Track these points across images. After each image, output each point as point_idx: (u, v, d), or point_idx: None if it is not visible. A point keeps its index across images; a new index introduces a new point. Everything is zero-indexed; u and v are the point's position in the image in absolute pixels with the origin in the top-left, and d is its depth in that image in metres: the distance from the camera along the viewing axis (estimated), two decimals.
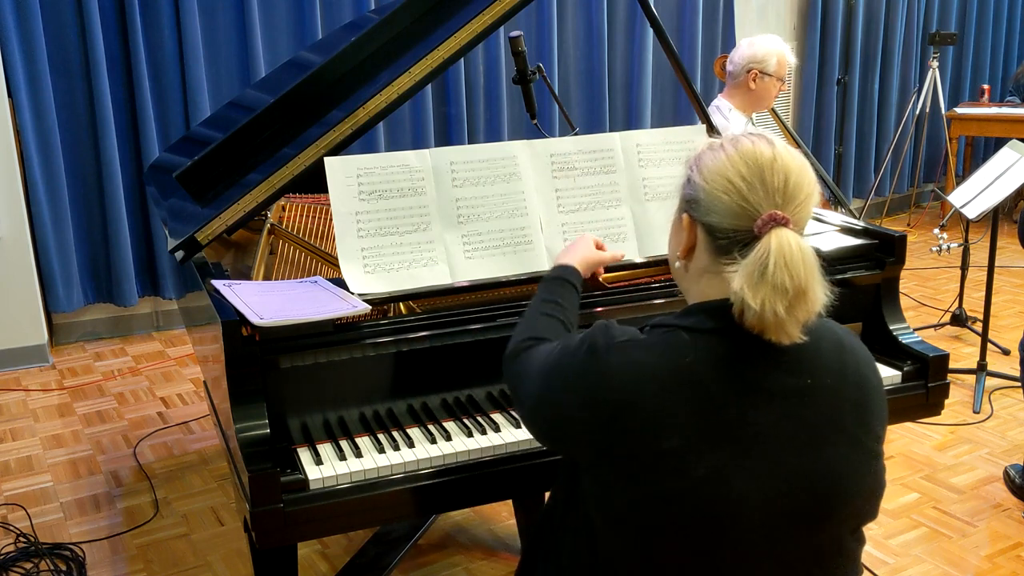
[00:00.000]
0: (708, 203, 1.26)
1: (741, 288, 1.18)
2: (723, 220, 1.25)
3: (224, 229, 2.01)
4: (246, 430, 1.61)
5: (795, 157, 1.26)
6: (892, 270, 2.13)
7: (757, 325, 1.19)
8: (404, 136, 4.84)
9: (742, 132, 1.32)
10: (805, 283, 1.18)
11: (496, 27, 2.09)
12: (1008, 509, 2.85)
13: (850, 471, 1.24)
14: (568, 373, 1.29)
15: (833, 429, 1.24)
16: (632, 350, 1.24)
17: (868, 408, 1.28)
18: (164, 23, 4.18)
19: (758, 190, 1.22)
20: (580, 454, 1.27)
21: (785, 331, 1.19)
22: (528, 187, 2.00)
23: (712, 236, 1.27)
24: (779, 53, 3.39)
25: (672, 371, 1.21)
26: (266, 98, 2.44)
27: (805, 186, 1.25)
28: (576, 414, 1.24)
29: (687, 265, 1.34)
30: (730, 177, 1.24)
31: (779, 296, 1.17)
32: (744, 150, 1.25)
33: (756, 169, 1.23)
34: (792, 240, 1.19)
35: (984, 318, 3.76)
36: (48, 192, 4.10)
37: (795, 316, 1.19)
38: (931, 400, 2.06)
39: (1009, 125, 6.00)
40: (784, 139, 3.89)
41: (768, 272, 1.17)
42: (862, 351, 1.33)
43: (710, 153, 1.28)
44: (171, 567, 2.63)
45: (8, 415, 3.63)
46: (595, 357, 1.25)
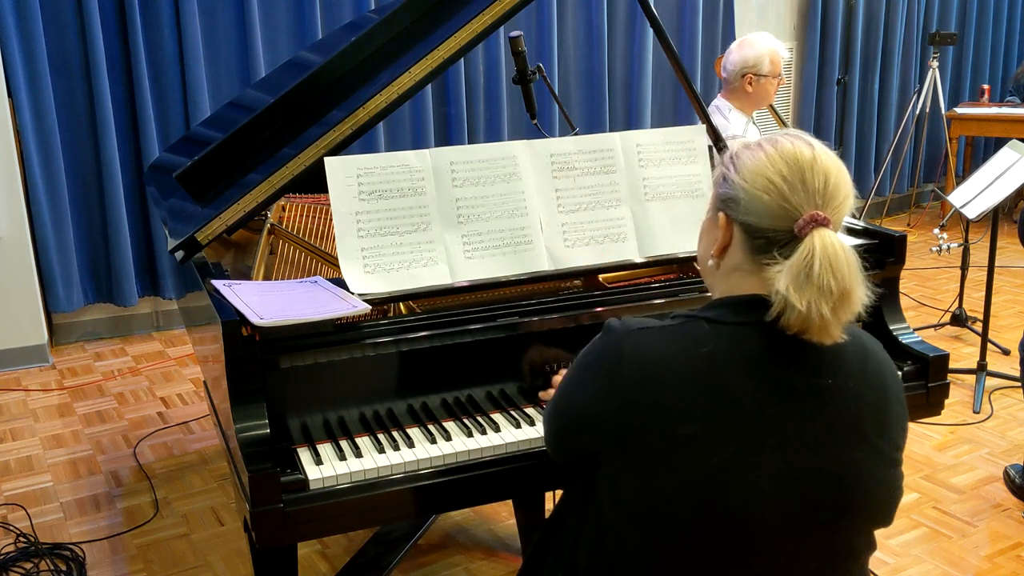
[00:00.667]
0: (748, 203, 1.25)
1: (787, 289, 1.18)
2: (762, 220, 1.25)
3: (224, 229, 2.01)
4: (246, 430, 1.61)
5: (833, 157, 1.27)
6: (892, 270, 2.13)
7: (800, 326, 1.20)
8: (404, 136, 4.84)
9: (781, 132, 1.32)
10: (849, 284, 1.19)
11: (496, 27, 2.09)
12: (1008, 509, 2.85)
13: (865, 475, 1.24)
14: (586, 365, 1.31)
15: (851, 432, 1.24)
16: (648, 336, 1.25)
17: (887, 414, 1.28)
18: (164, 23, 4.18)
19: (799, 190, 1.23)
20: (598, 446, 1.26)
21: (828, 332, 1.20)
22: (528, 187, 2.00)
23: (750, 235, 1.27)
24: (770, 52, 3.39)
25: (689, 359, 1.22)
26: (266, 98, 2.44)
27: (844, 186, 1.25)
28: (595, 403, 1.25)
29: (719, 263, 1.33)
30: (771, 177, 1.24)
31: (824, 297, 1.18)
32: (784, 150, 1.25)
33: (797, 169, 1.23)
34: (835, 241, 1.20)
35: (984, 318, 3.77)
36: (48, 192, 4.10)
37: (839, 317, 1.20)
38: (931, 400, 2.06)
39: (1009, 125, 6.00)
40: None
41: (814, 274, 1.18)
42: (884, 357, 1.33)
43: (748, 152, 1.28)
44: (171, 567, 2.63)
45: (8, 415, 3.63)
46: (611, 344, 1.26)
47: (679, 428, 1.19)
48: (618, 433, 1.22)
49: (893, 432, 1.28)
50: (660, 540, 1.22)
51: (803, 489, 1.21)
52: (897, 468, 1.29)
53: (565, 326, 1.88)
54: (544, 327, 1.87)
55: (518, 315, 1.85)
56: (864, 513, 1.25)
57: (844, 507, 1.23)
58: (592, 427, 1.26)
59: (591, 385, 1.27)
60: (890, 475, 1.28)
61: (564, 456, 1.40)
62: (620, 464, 1.23)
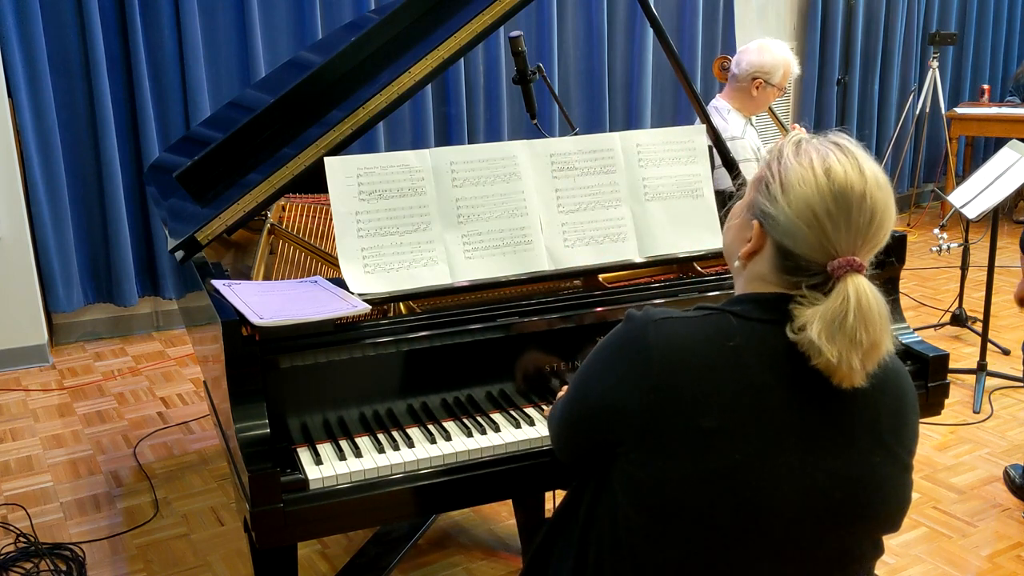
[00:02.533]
0: (787, 228, 1.22)
1: (819, 337, 1.17)
2: (798, 247, 1.22)
3: (224, 229, 2.01)
4: (246, 430, 1.61)
5: (884, 188, 1.22)
6: (892, 270, 2.13)
7: (827, 370, 1.19)
8: (404, 136, 4.84)
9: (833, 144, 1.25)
10: (880, 337, 1.18)
11: (496, 27, 2.09)
12: (1008, 509, 2.85)
13: (882, 480, 1.24)
14: (607, 356, 1.28)
15: (869, 437, 1.24)
16: (674, 325, 1.23)
17: (904, 421, 1.28)
18: (164, 23, 4.18)
19: (842, 229, 1.20)
20: (620, 436, 1.24)
21: (853, 379, 1.19)
22: (528, 187, 2.00)
23: (782, 255, 1.24)
24: (786, 66, 3.38)
25: (715, 351, 1.21)
26: (266, 98, 2.44)
27: (887, 223, 1.22)
28: (621, 391, 1.23)
29: (745, 264, 1.31)
30: (817, 212, 1.20)
31: (855, 349, 1.17)
32: (836, 179, 1.20)
33: (845, 206, 1.19)
34: (869, 292, 1.18)
35: (984, 318, 3.77)
36: (48, 192, 4.10)
37: (866, 367, 1.19)
38: (931, 400, 2.06)
39: (1009, 125, 6.00)
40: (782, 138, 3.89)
41: (848, 325, 1.16)
42: (900, 365, 1.33)
43: (799, 168, 1.22)
44: (171, 567, 2.63)
45: (8, 415, 3.63)
46: (635, 333, 1.24)
47: (704, 419, 1.18)
48: (644, 422, 1.21)
49: (908, 439, 1.29)
50: (675, 532, 1.22)
51: (820, 490, 1.21)
52: (909, 473, 1.29)
53: (565, 326, 1.88)
54: (544, 327, 1.87)
55: (518, 315, 1.85)
56: (878, 517, 1.26)
57: (859, 511, 1.23)
58: (617, 416, 1.24)
59: (616, 374, 1.25)
60: (903, 480, 1.28)
61: (575, 450, 1.38)
62: (641, 454, 1.22)
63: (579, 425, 1.34)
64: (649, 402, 1.20)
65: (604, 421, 1.27)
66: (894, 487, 1.26)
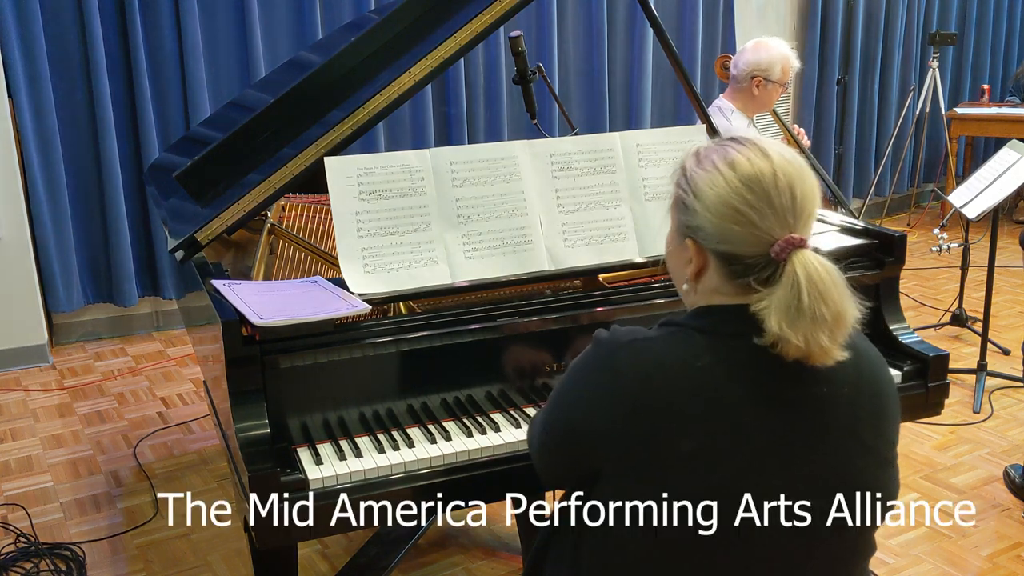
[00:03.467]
0: (718, 234, 1.21)
1: (780, 327, 1.15)
2: (736, 248, 1.20)
3: (224, 229, 2.01)
4: (246, 430, 1.61)
5: (793, 162, 1.21)
6: (892, 270, 2.13)
7: (799, 355, 1.17)
8: (404, 136, 4.84)
9: (729, 141, 1.25)
10: (841, 307, 1.16)
11: (496, 27, 2.09)
12: (1008, 509, 2.85)
13: (865, 480, 1.23)
14: (579, 382, 1.27)
15: (849, 438, 1.22)
16: (641, 349, 1.22)
17: (884, 416, 1.27)
18: (164, 23, 4.18)
19: (768, 215, 1.18)
20: (599, 463, 1.23)
21: (829, 355, 1.17)
22: (528, 187, 2.00)
23: (726, 262, 1.23)
24: (784, 61, 3.38)
25: (686, 372, 1.19)
26: (266, 98, 2.44)
27: (811, 195, 1.21)
28: (596, 418, 1.21)
29: (695, 285, 1.29)
30: (736, 206, 1.19)
31: (820, 327, 1.14)
32: (743, 171, 1.19)
33: (762, 192, 1.18)
34: (818, 264, 1.16)
35: (984, 318, 3.77)
36: (48, 192, 4.10)
37: (837, 340, 1.17)
38: (931, 400, 2.06)
39: (1009, 125, 6.00)
40: (784, 139, 3.89)
41: (804, 306, 1.14)
42: (876, 356, 1.30)
43: (705, 175, 1.22)
44: (171, 567, 2.63)
45: (8, 415, 3.63)
46: (605, 358, 1.23)
47: (681, 442, 1.17)
48: (623, 448, 1.19)
49: (889, 433, 1.28)
50: (665, 551, 1.21)
51: (806, 500, 1.19)
52: (893, 466, 1.28)
53: (565, 326, 1.88)
54: (544, 327, 1.87)
55: (518, 315, 1.85)
56: (867, 517, 1.24)
57: (846, 514, 1.22)
58: (593, 443, 1.22)
59: (590, 401, 1.23)
60: (887, 475, 1.27)
61: (557, 475, 1.36)
62: (624, 479, 1.20)
63: (558, 452, 1.32)
64: (625, 428, 1.19)
65: (582, 448, 1.25)
66: (879, 485, 1.24)
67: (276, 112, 2.14)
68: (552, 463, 1.35)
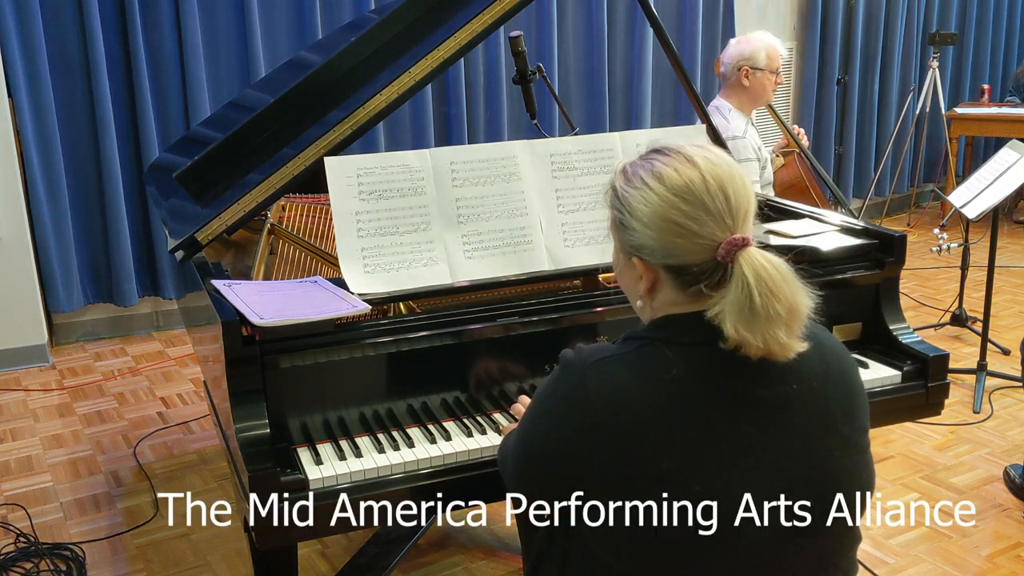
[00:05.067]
0: (662, 248, 1.21)
1: (736, 330, 1.15)
2: (682, 258, 1.21)
3: (224, 229, 2.01)
4: (246, 430, 1.61)
5: (720, 164, 1.22)
6: (892, 270, 2.13)
7: (761, 354, 1.17)
8: (404, 136, 4.84)
9: (652, 153, 1.26)
10: (793, 301, 1.16)
11: (496, 27, 2.09)
12: (1008, 509, 2.85)
13: (846, 471, 1.24)
14: (551, 409, 1.25)
15: (824, 432, 1.23)
16: (610, 368, 1.21)
17: (855, 406, 1.27)
18: (164, 23, 4.18)
19: (706, 221, 1.18)
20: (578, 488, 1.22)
21: (790, 350, 1.18)
22: (528, 187, 2.00)
23: (675, 274, 1.23)
24: (767, 46, 3.39)
25: (656, 387, 1.19)
26: (266, 98, 2.44)
27: (743, 193, 1.21)
28: (569, 443, 1.21)
29: (650, 302, 1.29)
30: (672, 218, 1.19)
31: (775, 324, 1.15)
32: (672, 183, 1.20)
33: (695, 200, 1.18)
34: (764, 262, 1.16)
35: (984, 318, 3.76)
36: (48, 192, 4.10)
37: (794, 333, 1.17)
38: (931, 400, 2.06)
39: (1009, 125, 6.00)
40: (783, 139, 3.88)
41: (757, 305, 1.14)
42: (840, 348, 1.31)
43: (635, 192, 1.22)
44: (171, 567, 2.63)
45: (8, 415, 3.63)
46: (574, 381, 1.22)
47: (659, 459, 1.16)
48: (599, 471, 1.18)
49: (860, 420, 1.28)
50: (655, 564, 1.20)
51: (789, 498, 1.19)
52: (866, 453, 1.28)
53: (565, 326, 1.88)
54: (544, 327, 1.87)
55: (518, 315, 1.85)
56: (849, 508, 1.24)
57: (831, 507, 1.22)
58: (569, 469, 1.21)
59: (562, 429, 1.22)
60: (863, 461, 1.27)
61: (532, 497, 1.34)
62: (604, 502, 1.19)
63: (533, 478, 1.31)
64: (603, 453, 1.18)
65: (560, 476, 1.23)
66: (858, 474, 1.25)
67: (276, 112, 2.14)
68: (529, 489, 1.34)
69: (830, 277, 2.09)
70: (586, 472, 1.20)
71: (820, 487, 1.21)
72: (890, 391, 2.02)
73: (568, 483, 1.23)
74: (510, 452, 1.36)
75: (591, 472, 1.19)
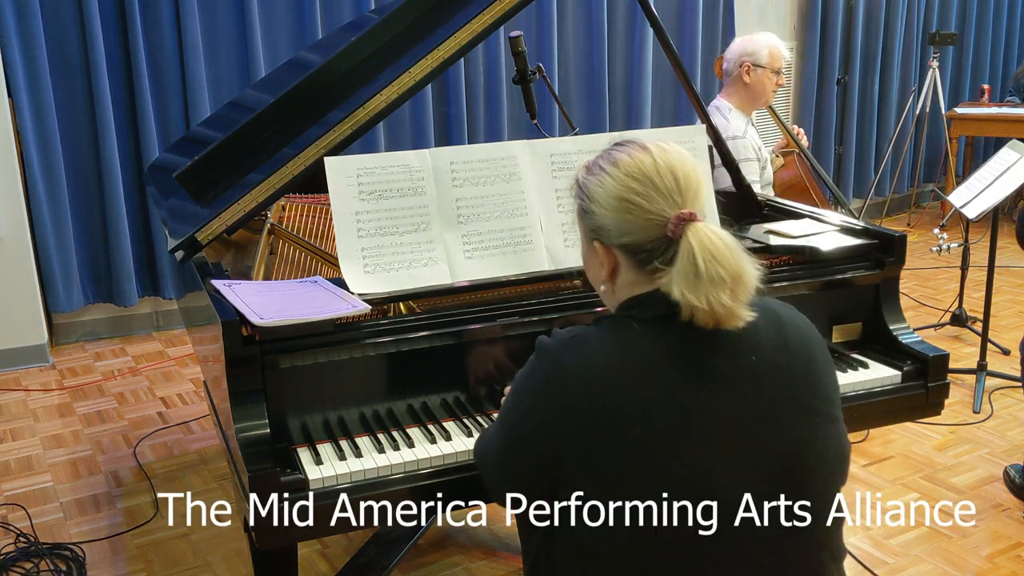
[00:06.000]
0: (616, 227, 1.30)
1: (682, 294, 1.22)
2: (636, 237, 1.29)
3: (224, 229, 2.01)
4: (246, 430, 1.61)
5: (670, 150, 1.31)
6: (892, 270, 2.13)
7: (710, 320, 1.23)
8: (404, 136, 4.84)
9: (613, 146, 1.35)
10: (738, 268, 1.23)
11: (496, 27, 2.09)
12: (1008, 509, 2.85)
13: (812, 441, 1.27)
14: (530, 392, 1.30)
15: (788, 403, 1.27)
16: (584, 346, 1.27)
17: (818, 376, 1.31)
18: (164, 23, 4.18)
19: (655, 198, 1.27)
20: (559, 472, 1.26)
21: (736, 316, 1.24)
22: (528, 187, 2.00)
23: (631, 254, 1.31)
24: (770, 45, 3.40)
25: (627, 360, 1.25)
26: (266, 98, 2.44)
27: (693, 174, 1.30)
28: (550, 425, 1.24)
29: (613, 287, 1.36)
30: (624, 196, 1.28)
31: (720, 288, 1.21)
32: (625, 165, 1.29)
33: (645, 179, 1.27)
34: (710, 232, 1.24)
35: (984, 318, 3.76)
36: (48, 192, 4.10)
37: (740, 300, 1.23)
38: (931, 400, 2.06)
39: (1009, 125, 6.00)
40: (783, 139, 3.88)
41: (701, 270, 1.21)
42: (802, 322, 1.36)
43: (593, 178, 1.32)
44: (171, 567, 2.63)
45: (8, 415, 3.63)
46: (551, 362, 1.28)
47: (631, 432, 1.21)
48: (580, 451, 1.22)
49: (826, 390, 1.32)
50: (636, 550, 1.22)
51: (758, 470, 1.23)
52: (837, 424, 1.32)
53: (565, 326, 1.88)
54: (544, 327, 1.86)
55: (518, 315, 1.85)
56: (820, 478, 1.27)
57: (800, 478, 1.26)
58: (549, 448, 1.25)
59: (543, 405, 1.26)
60: (832, 432, 1.30)
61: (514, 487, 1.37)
62: (586, 485, 1.23)
63: (520, 470, 1.34)
64: (584, 431, 1.22)
65: (542, 458, 1.27)
66: (826, 445, 1.29)
67: (276, 112, 2.14)
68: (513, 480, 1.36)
69: (830, 277, 2.09)
70: (566, 453, 1.24)
71: (787, 459, 1.25)
72: (890, 391, 2.02)
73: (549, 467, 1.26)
74: (489, 443, 1.41)
75: (571, 452, 1.23)
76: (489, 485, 1.44)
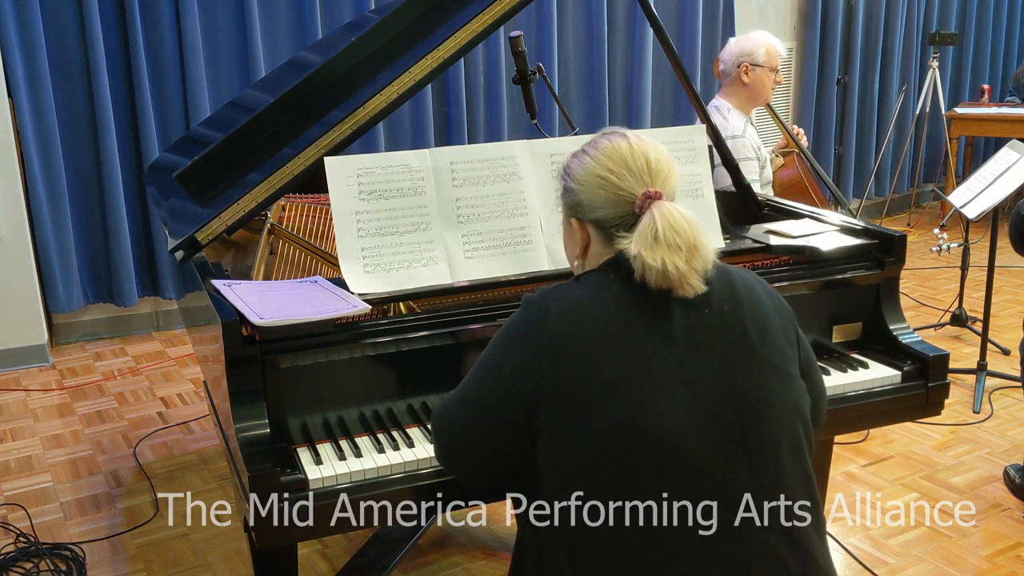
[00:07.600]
0: (589, 202, 1.42)
1: (639, 252, 1.33)
2: (607, 212, 1.41)
3: (224, 229, 2.01)
4: (246, 430, 1.61)
5: (647, 140, 1.44)
6: (892, 270, 2.13)
7: (663, 283, 1.33)
8: (404, 136, 4.84)
9: (598, 133, 1.48)
10: (694, 238, 1.34)
11: (496, 27, 2.09)
12: (1008, 509, 2.85)
13: (764, 389, 1.35)
14: (512, 333, 1.40)
15: (740, 351, 1.37)
16: (566, 292, 1.40)
17: (768, 327, 1.41)
18: (164, 23, 4.18)
19: (627, 177, 1.40)
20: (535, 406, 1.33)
21: (689, 283, 1.34)
22: (528, 187, 2.00)
23: (602, 229, 1.43)
24: (767, 44, 3.40)
25: (600, 304, 1.36)
26: (266, 98, 2.44)
27: (665, 162, 1.42)
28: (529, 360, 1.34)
29: (584, 262, 1.48)
30: (600, 174, 1.41)
31: (675, 253, 1.32)
32: (604, 147, 1.43)
33: (619, 159, 1.41)
34: (672, 208, 1.35)
35: (984, 318, 3.76)
36: (48, 192, 4.10)
37: (694, 267, 1.33)
38: (931, 400, 2.06)
39: (1009, 125, 6.00)
40: (782, 137, 3.88)
41: (660, 235, 1.33)
42: (751, 278, 1.46)
43: (576, 160, 1.46)
44: (171, 567, 2.63)
45: (8, 415, 3.63)
46: (536, 308, 1.38)
47: (601, 370, 1.31)
48: (554, 384, 1.32)
49: (778, 343, 1.41)
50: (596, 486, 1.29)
51: (714, 415, 1.32)
52: (791, 379, 1.40)
53: None
54: None
55: None
56: (775, 428, 1.34)
57: (754, 425, 1.33)
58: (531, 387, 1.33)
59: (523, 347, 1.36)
60: (784, 385, 1.38)
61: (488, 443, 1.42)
62: (556, 423, 1.31)
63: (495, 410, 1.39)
64: (557, 368, 1.31)
65: (520, 396, 1.35)
66: (778, 395, 1.36)
67: (276, 112, 2.14)
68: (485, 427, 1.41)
69: (830, 277, 2.09)
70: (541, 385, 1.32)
71: (741, 404, 1.33)
72: (890, 391, 2.02)
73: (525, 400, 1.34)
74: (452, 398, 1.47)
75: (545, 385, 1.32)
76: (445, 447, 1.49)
